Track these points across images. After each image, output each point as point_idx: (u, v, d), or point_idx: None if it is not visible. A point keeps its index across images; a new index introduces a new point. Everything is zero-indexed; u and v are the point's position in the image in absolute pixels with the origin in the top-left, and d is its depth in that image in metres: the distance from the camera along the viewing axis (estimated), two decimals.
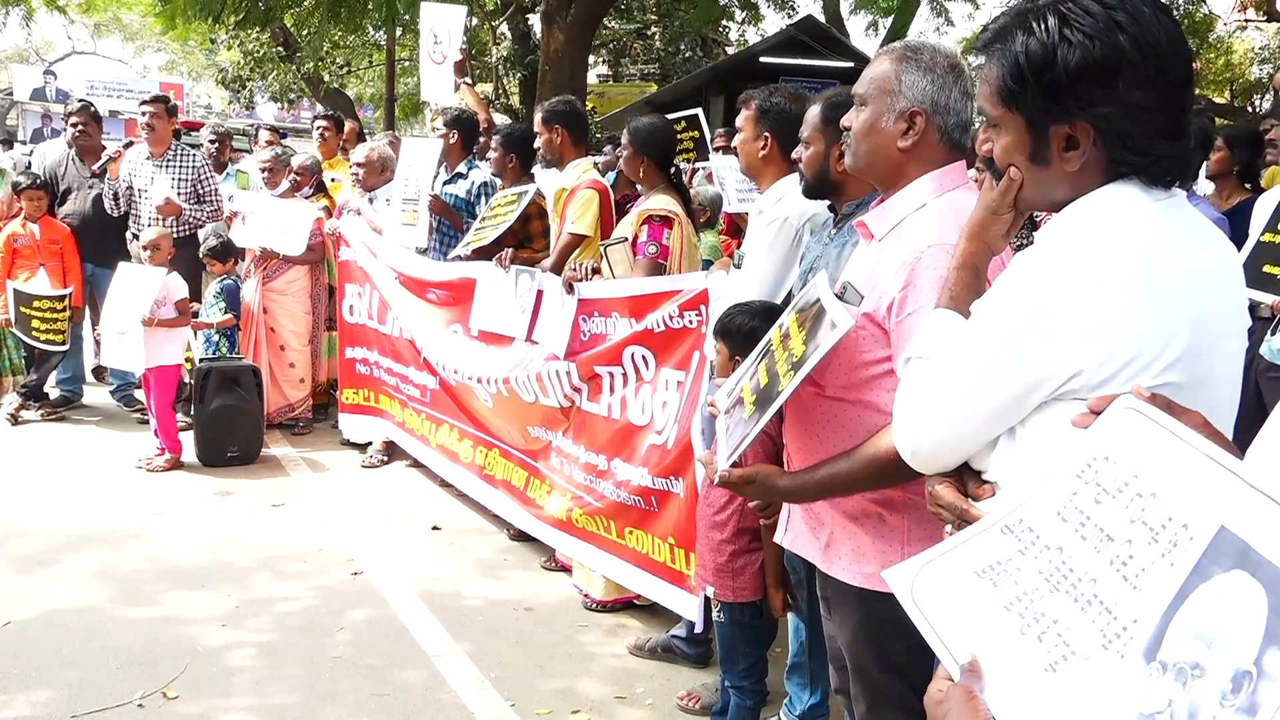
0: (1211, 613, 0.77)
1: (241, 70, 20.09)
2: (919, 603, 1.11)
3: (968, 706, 0.96)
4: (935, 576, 1.11)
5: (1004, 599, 1.01)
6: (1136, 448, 0.95)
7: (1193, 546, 0.82)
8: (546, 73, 12.14)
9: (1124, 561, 0.89)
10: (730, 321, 2.89)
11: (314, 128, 8.24)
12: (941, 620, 1.07)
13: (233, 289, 6.51)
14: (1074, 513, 0.98)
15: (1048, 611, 0.95)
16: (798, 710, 3.27)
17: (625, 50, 22.28)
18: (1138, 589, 0.86)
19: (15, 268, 6.52)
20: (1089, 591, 0.92)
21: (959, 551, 1.11)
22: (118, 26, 36.80)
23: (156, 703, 3.34)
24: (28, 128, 25.29)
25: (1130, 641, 0.84)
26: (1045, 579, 0.98)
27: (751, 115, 3.26)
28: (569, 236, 4.67)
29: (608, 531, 4.14)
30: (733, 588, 3.11)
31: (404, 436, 5.90)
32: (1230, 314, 1.48)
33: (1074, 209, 1.49)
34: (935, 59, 2.10)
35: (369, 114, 27.54)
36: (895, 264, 2.02)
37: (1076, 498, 0.99)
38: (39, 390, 6.73)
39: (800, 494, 2.20)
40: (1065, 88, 1.44)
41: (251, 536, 4.85)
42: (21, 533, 4.74)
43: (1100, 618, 0.89)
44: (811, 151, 2.68)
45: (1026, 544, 1.03)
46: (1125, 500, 0.92)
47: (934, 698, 1.02)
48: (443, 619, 4.05)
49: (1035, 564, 1.00)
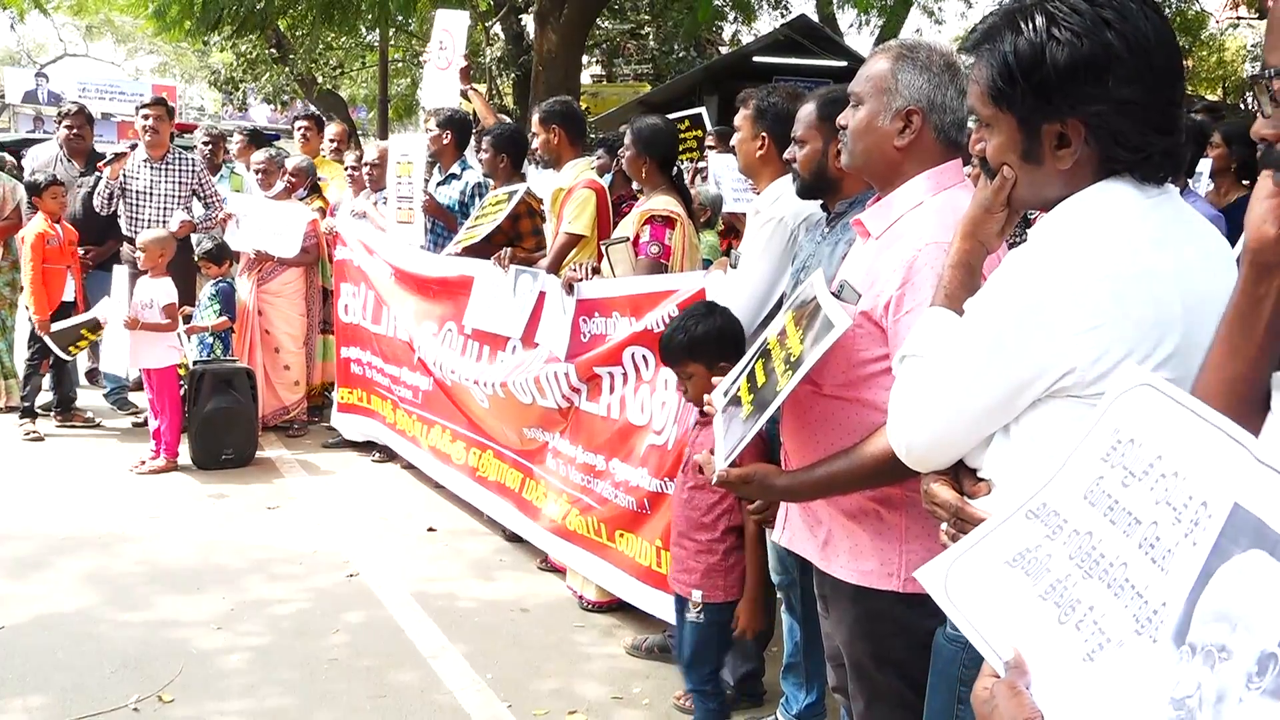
0: (1233, 594, 0.77)
1: (234, 72, 20.06)
2: (955, 600, 1.10)
3: (1014, 702, 0.96)
4: (967, 571, 1.10)
5: (1039, 588, 1.00)
6: (1158, 427, 0.94)
7: (1211, 525, 0.82)
8: (540, 73, 12.13)
9: (1151, 544, 0.89)
10: (695, 334, 2.90)
11: (294, 128, 8.25)
12: (980, 616, 1.06)
13: (227, 291, 6.48)
14: (1102, 496, 0.98)
15: (1083, 598, 0.95)
16: (794, 709, 3.26)
17: (619, 50, 22.30)
18: (1165, 571, 0.86)
19: (46, 276, 6.27)
20: (1120, 576, 0.91)
21: (987, 542, 1.10)
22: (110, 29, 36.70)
23: (151, 706, 3.33)
24: (20, 130, 25.19)
25: (1161, 625, 0.84)
26: (1077, 565, 0.97)
27: (749, 115, 3.26)
28: (566, 236, 4.66)
29: (599, 535, 4.12)
30: (723, 587, 3.06)
31: (395, 438, 5.88)
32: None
33: (1066, 206, 1.49)
34: (932, 57, 2.10)
35: (362, 115, 27.51)
36: (893, 262, 2.01)
37: (1104, 481, 0.98)
38: (33, 408, 6.52)
39: (798, 493, 2.19)
40: (1055, 86, 1.45)
41: (246, 539, 4.84)
42: (14, 536, 4.72)
43: (1133, 602, 0.88)
44: (808, 150, 2.67)
45: (1054, 528, 1.03)
46: (1150, 482, 0.91)
47: (980, 696, 1.01)
48: (438, 620, 4.04)
49: (1065, 549, 1.00)
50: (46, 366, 6.56)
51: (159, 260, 5.93)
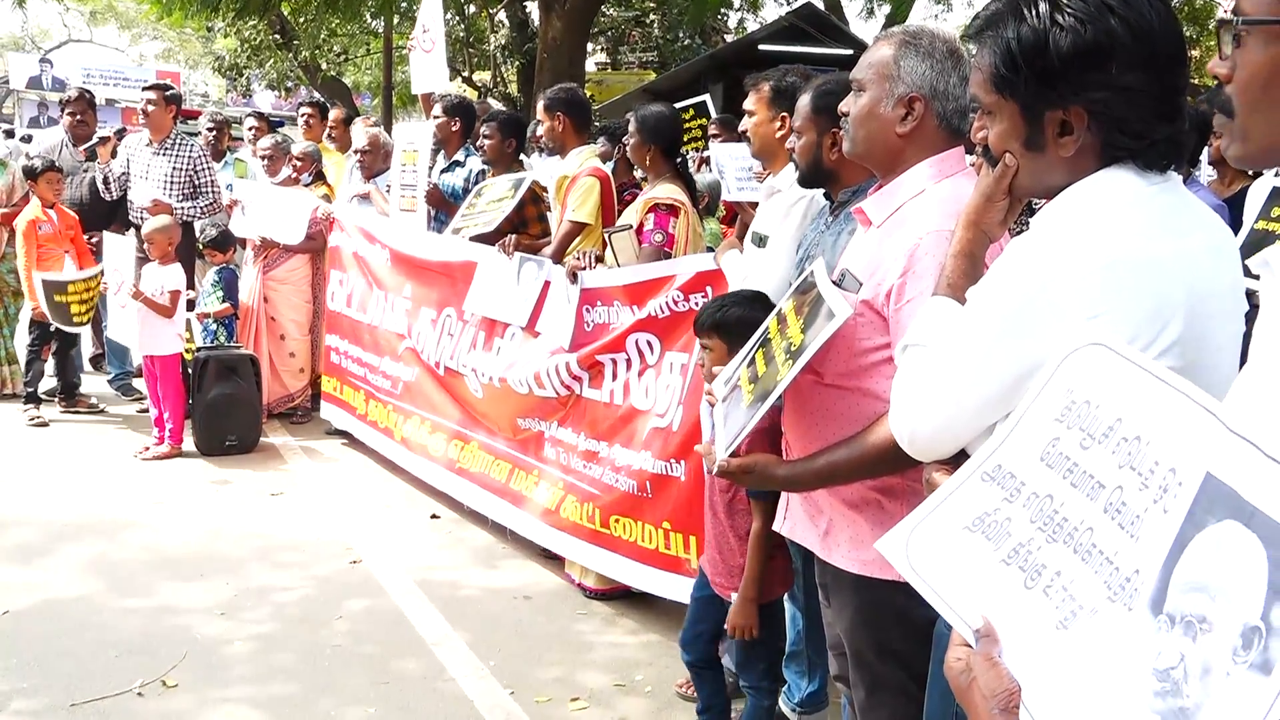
0: (1210, 564, 0.76)
1: (238, 58, 20.00)
2: (918, 569, 1.08)
3: (993, 674, 0.94)
4: (927, 538, 1.08)
5: (1001, 553, 0.99)
6: (1116, 389, 0.93)
7: (1183, 493, 0.81)
8: (545, 60, 12.09)
9: (1118, 509, 0.88)
10: (725, 314, 2.84)
11: (298, 114, 8.24)
12: (945, 584, 1.05)
13: (230, 277, 6.48)
14: (1059, 459, 0.96)
15: (1049, 563, 0.93)
16: (796, 698, 3.27)
17: (624, 38, 22.21)
18: (1135, 538, 0.85)
19: (41, 259, 6.26)
20: (1087, 541, 0.90)
21: (944, 508, 1.08)
22: (113, 14, 36.66)
23: (155, 691, 3.34)
24: (24, 116, 25.21)
25: (1136, 593, 0.83)
26: (1039, 529, 0.96)
27: (765, 97, 3.25)
28: (570, 224, 4.64)
29: (593, 522, 4.11)
30: (768, 584, 2.93)
31: (364, 429, 5.86)
32: (1227, 297, 1.47)
33: (1069, 194, 1.49)
34: (935, 44, 2.09)
35: (367, 102, 27.45)
36: (895, 250, 2.01)
37: (1060, 443, 0.97)
38: (37, 394, 6.54)
39: (799, 483, 2.19)
40: (1058, 73, 1.44)
41: (250, 526, 4.85)
42: (18, 522, 4.73)
43: (1103, 568, 0.87)
44: (804, 141, 2.66)
45: (1011, 491, 1.01)
46: (1112, 445, 0.90)
47: (955, 667, 1.00)
48: (441, 608, 4.05)
49: (1025, 512, 0.98)
50: (48, 352, 6.57)
51: (167, 248, 5.93)
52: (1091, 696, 0.84)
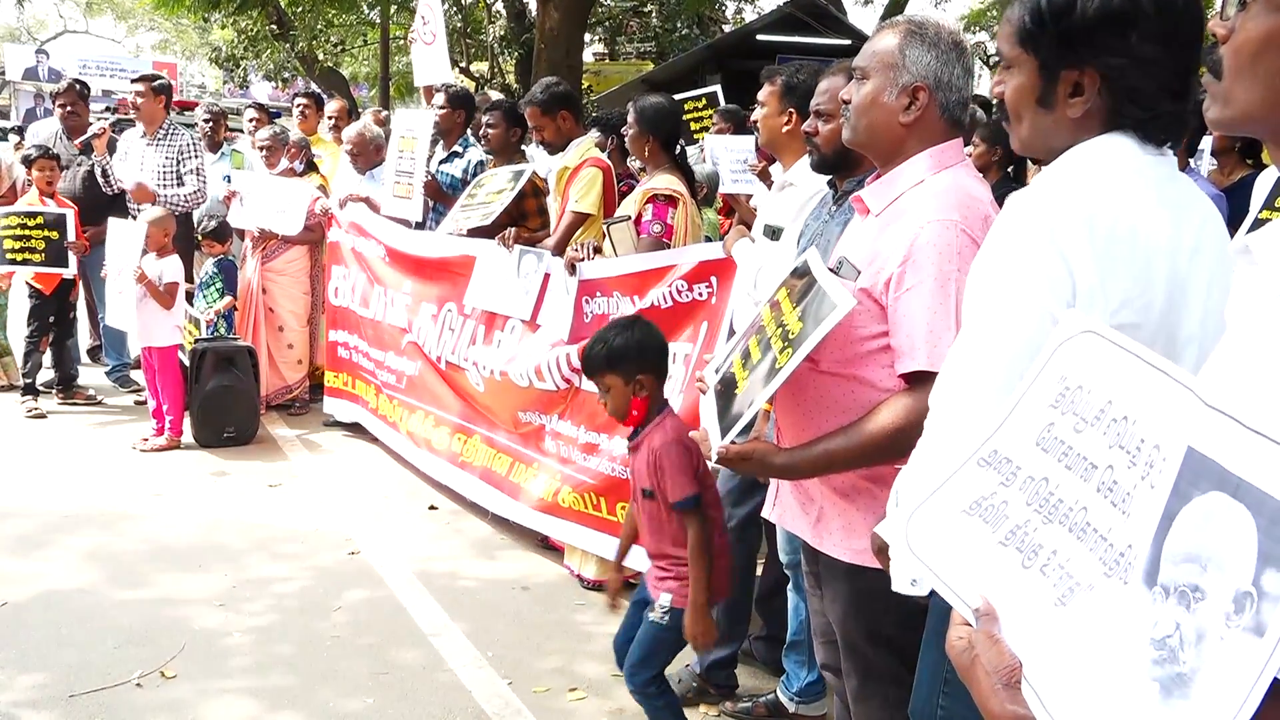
0: (1199, 535, 0.78)
1: (235, 49, 19.97)
2: (917, 552, 1.10)
3: (994, 651, 0.96)
4: (927, 523, 1.11)
5: (998, 535, 1.01)
6: (1105, 373, 0.95)
7: (1167, 468, 0.83)
8: (542, 51, 12.06)
9: (1110, 488, 0.90)
10: (613, 347, 2.82)
11: (294, 105, 8.23)
12: (945, 566, 1.07)
13: (229, 268, 6.47)
14: (1054, 443, 0.99)
15: (1045, 543, 0.95)
16: (795, 687, 3.28)
17: (621, 28, 22.19)
18: (1127, 514, 0.87)
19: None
20: (1081, 520, 0.92)
21: (942, 493, 1.11)
22: (110, 5, 36.57)
23: (154, 682, 3.35)
24: (20, 108, 25.13)
25: (1130, 567, 0.84)
26: (1035, 510, 0.98)
27: (777, 91, 3.27)
28: (572, 215, 4.63)
29: (598, 509, 4.12)
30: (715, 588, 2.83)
31: (376, 423, 5.87)
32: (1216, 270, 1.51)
33: (1069, 155, 1.55)
34: (940, 35, 2.09)
35: (364, 93, 27.39)
36: (894, 240, 2.01)
37: (1055, 428, 0.99)
38: (34, 386, 6.52)
39: (796, 471, 2.18)
40: (1080, 34, 1.50)
41: (248, 517, 4.85)
42: (17, 514, 4.73)
43: (1098, 545, 0.89)
44: (835, 124, 2.60)
45: (1008, 475, 1.04)
46: (1103, 427, 0.93)
47: (957, 646, 1.01)
48: (440, 598, 4.06)
49: (1022, 495, 1.00)
50: (46, 344, 6.54)
51: (164, 240, 5.92)
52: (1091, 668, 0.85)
